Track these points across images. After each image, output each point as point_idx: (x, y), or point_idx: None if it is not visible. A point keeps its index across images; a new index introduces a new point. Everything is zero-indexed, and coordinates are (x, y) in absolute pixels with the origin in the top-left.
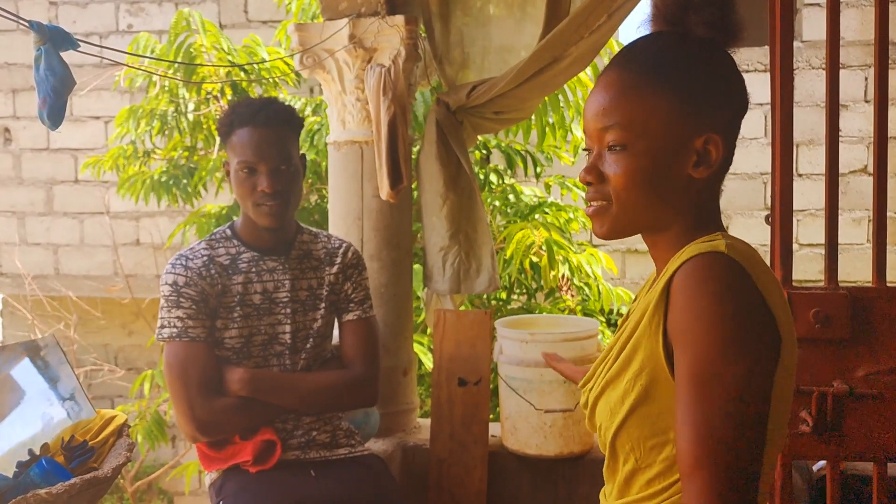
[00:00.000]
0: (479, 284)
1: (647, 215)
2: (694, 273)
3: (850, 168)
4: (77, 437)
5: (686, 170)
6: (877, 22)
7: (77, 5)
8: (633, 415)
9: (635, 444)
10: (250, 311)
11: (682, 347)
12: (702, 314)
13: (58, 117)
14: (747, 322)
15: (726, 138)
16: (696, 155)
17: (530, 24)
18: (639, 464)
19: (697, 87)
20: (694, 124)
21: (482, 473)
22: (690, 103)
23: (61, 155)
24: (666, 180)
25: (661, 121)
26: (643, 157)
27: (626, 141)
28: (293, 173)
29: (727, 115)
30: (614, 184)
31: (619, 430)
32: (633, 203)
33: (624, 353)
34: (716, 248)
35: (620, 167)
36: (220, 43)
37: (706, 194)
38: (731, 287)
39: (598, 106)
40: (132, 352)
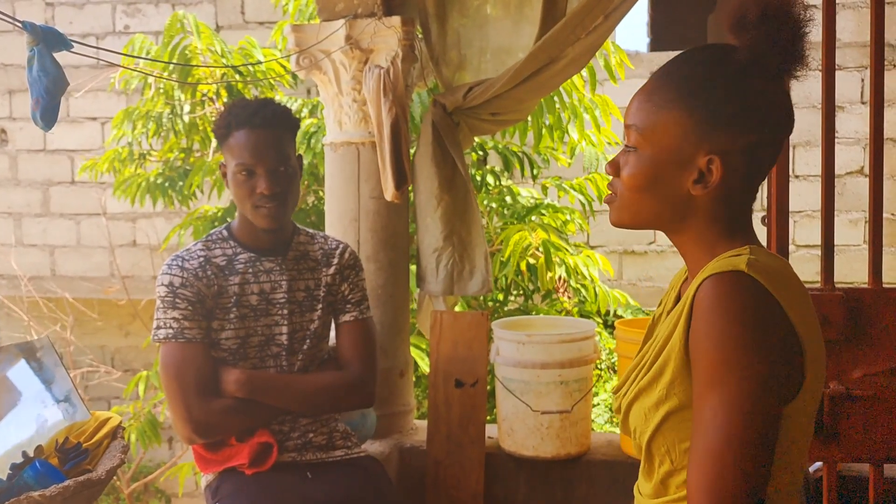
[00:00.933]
0: (472, 286)
1: (647, 216)
2: (710, 293)
3: (847, 169)
4: (71, 439)
5: (686, 185)
6: (873, 24)
7: (74, 6)
8: (668, 420)
9: (670, 447)
10: (247, 312)
11: (697, 363)
12: (712, 334)
13: (51, 118)
14: (759, 344)
15: (736, 163)
16: (696, 173)
17: (527, 25)
18: (674, 465)
19: (715, 109)
20: (701, 143)
21: (479, 475)
22: (704, 122)
23: (58, 156)
24: (664, 190)
25: (671, 134)
26: (647, 163)
27: (638, 144)
28: (291, 174)
29: (742, 142)
30: (623, 181)
31: (655, 433)
32: (632, 202)
33: (657, 363)
34: (736, 266)
35: (628, 168)
36: (214, 45)
37: (723, 207)
38: (745, 307)
39: (631, 105)
40: (129, 353)
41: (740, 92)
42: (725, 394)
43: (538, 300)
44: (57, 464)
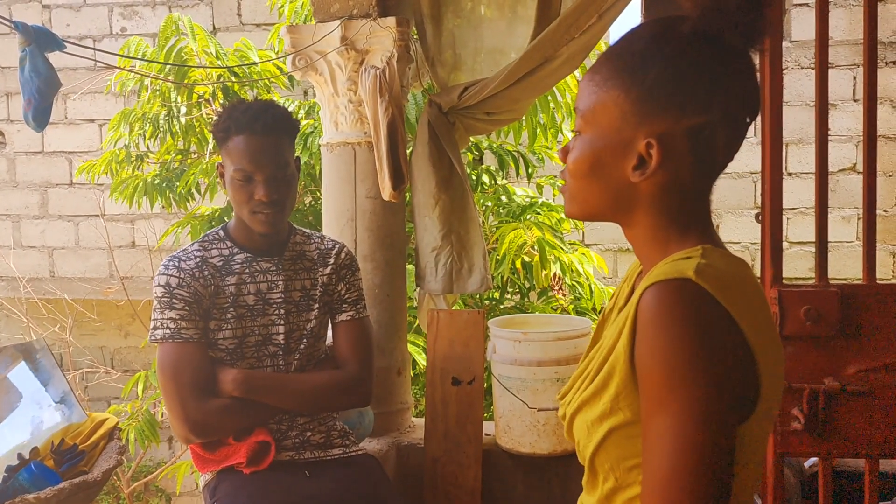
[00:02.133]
0: (471, 284)
1: (593, 205)
2: (653, 303)
3: (840, 166)
4: (67, 441)
5: (625, 170)
6: (866, 21)
7: (70, 9)
8: (612, 435)
9: (615, 464)
10: (244, 312)
11: (643, 380)
12: (656, 351)
13: (43, 119)
14: (707, 360)
15: (679, 146)
16: (636, 158)
17: (521, 25)
18: (619, 483)
19: (654, 87)
20: (640, 126)
21: (476, 472)
22: (641, 102)
23: (56, 158)
24: (605, 176)
25: (610, 115)
26: (587, 148)
27: (581, 128)
28: (289, 180)
29: (684, 124)
30: (568, 169)
31: (598, 449)
32: (577, 190)
33: (601, 373)
34: (682, 272)
35: (573, 153)
36: (210, 47)
37: (670, 197)
38: (690, 321)
39: (579, 87)
40: (128, 354)
41: (681, 68)
42: (672, 417)
43: (534, 298)
44: (53, 466)
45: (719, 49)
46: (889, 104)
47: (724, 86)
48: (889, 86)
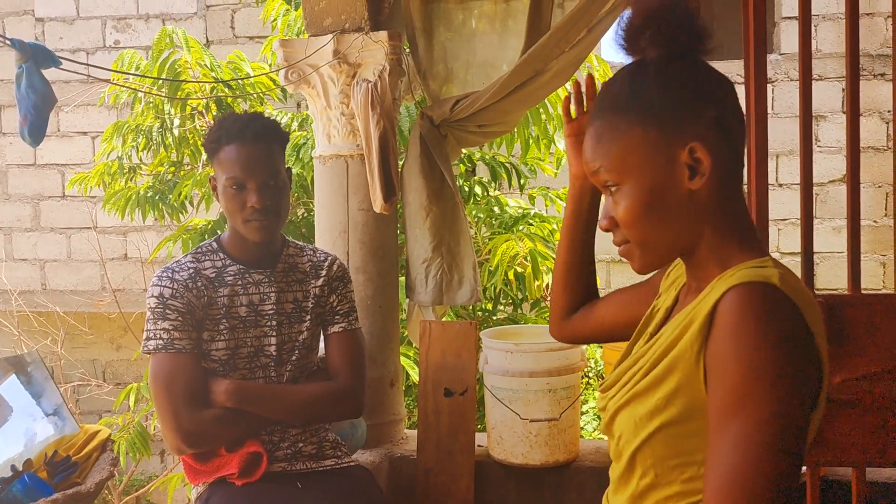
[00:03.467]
0: (461, 296)
1: (668, 241)
2: (742, 302)
3: (829, 178)
4: (60, 453)
5: (684, 186)
6: (847, 33)
7: (64, 22)
8: (661, 433)
9: (658, 461)
10: (236, 324)
11: (719, 380)
12: (742, 354)
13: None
14: (793, 363)
15: (714, 140)
16: (686, 169)
17: (512, 38)
18: (658, 480)
19: (662, 107)
20: (672, 141)
21: (469, 483)
22: (660, 124)
23: (48, 170)
24: (668, 203)
25: (639, 152)
26: (636, 191)
27: (615, 179)
28: (281, 188)
29: (706, 118)
30: (622, 224)
31: (643, 444)
32: (646, 236)
33: (658, 369)
34: (768, 278)
35: (621, 207)
36: (203, 59)
37: (722, 200)
38: (779, 326)
39: (585, 155)
40: (120, 366)
41: (669, 81)
42: (754, 417)
43: (527, 309)
44: (46, 477)
45: (686, 60)
46: (877, 116)
47: (706, 83)
48: (877, 98)
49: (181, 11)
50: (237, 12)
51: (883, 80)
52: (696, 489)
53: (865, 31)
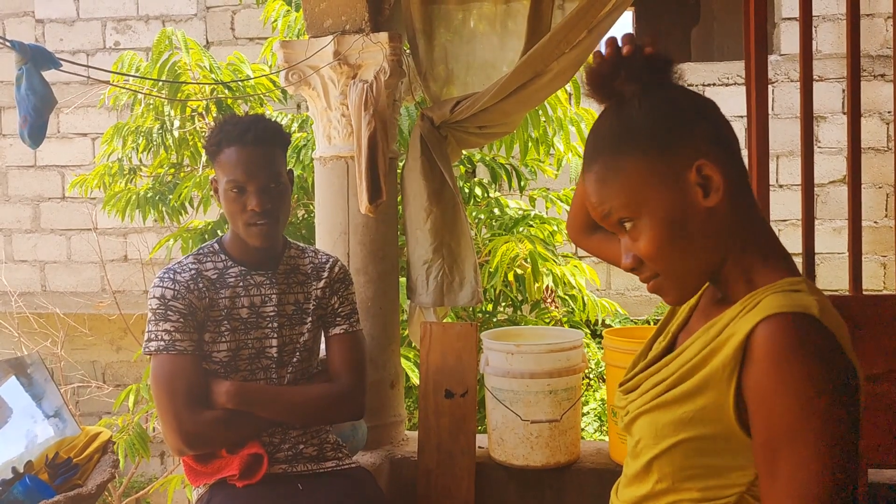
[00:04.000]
0: (461, 297)
1: (698, 265)
2: (784, 336)
3: (830, 178)
4: (61, 455)
5: (700, 205)
6: (848, 34)
7: (64, 23)
8: (683, 445)
9: (676, 470)
10: (238, 325)
11: (765, 413)
12: (791, 387)
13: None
14: (838, 394)
15: (716, 153)
16: (698, 188)
17: (512, 40)
18: (674, 486)
19: (658, 134)
20: (677, 164)
21: (470, 484)
22: (661, 151)
23: (48, 172)
24: (689, 227)
25: (649, 183)
26: (655, 222)
27: (630, 215)
28: (282, 191)
29: (703, 135)
30: (648, 259)
31: (663, 454)
32: (676, 264)
33: (686, 385)
34: (807, 309)
35: (641, 242)
36: (203, 61)
37: (739, 210)
38: (825, 358)
39: (590, 201)
40: (120, 368)
41: (657, 108)
42: (810, 450)
43: (527, 311)
44: (47, 479)
45: (664, 85)
46: (878, 116)
47: (693, 97)
48: (877, 98)
49: (181, 13)
50: (237, 13)
51: (883, 80)
52: (714, 496)
53: (865, 31)
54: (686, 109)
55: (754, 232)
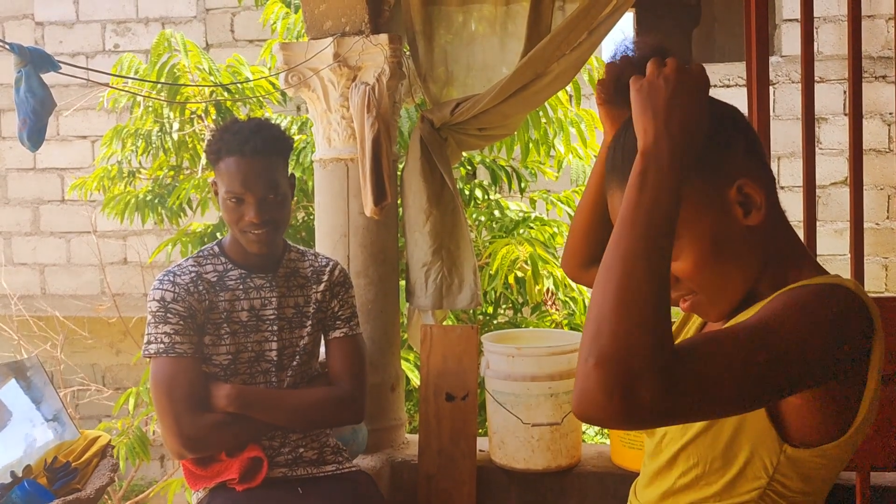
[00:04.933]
0: (460, 300)
1: (738, 283)
2: (804, 287)
3: (832, 180)
4: (60, 459)
5: (740, 224)
6: (850, 36)
7: (63, 26)
8: (710, 431)
9: (701, 460)
10: (237, 329)
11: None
12: (791, 301)
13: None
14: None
15: (755, 168)
16: (739, 207)
17: (512, 41)
18: (699, 480)
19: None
20: (717, 184)
21: (470, 488)
22: (700, 170)
23: (48, 174)
24: (730, 246)
25: (689, 204)
26: (697, 243)
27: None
28: (280, 201)
29: (740, 150)
30: (687, 278)
31: (689, 443)
32: (712, 284)
33: None
34: (841, 282)
35: (681, 262)
36: (202, 63)
37: (775, 225)
38: (840, 303)
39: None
40: (120, 371)
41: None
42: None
43: (527, 313)
44: (46, 483)
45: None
46: (879, 118)
47: (722, 107)
48: (878, 100)
49: (181, 15)
50: (237, 16)
51: (884, 82)
52: (735, 492)
53: (867, 33)
54: (722, 123)
55: (787, 245)
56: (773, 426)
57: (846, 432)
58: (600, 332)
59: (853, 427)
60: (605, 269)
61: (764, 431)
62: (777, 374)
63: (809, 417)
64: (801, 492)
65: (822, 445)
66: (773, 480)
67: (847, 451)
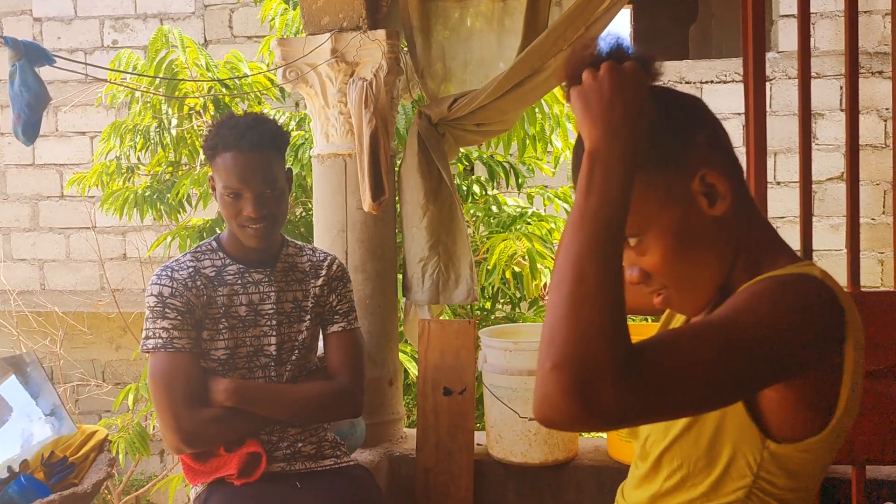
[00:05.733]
0: (457, 295)
1: (709, 275)
2: (770, 278)
3: (828, 175)
4: (57, 453)
5: (706, 215)
6: (846, 31)
7: (62, 21)
8: (692, 430)
9: (685, 461)
10: (236, 323)
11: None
12: (757, 290)
13: (32, 133)
14: (808, 322)
15: (717, 159)
16: (704, 198)
17: (510, 37)
18: (685, 482)
19: (658, 148)
20: (680, 176)
21: (468, 482)
22: (662, 163)
23: (46, 170)
24: (698, 238)
25: (652, 198)
26: (663, 237)
27: (636, 232)
28: (278, 196)
29: (702, 141)
30: (657, 272)
31: (672, 444)
32: (684, 277)
33: None
34: (807, 271)
35: (650, 257)
36: (200, 59)
37: (744, 214)
38: (807, 293)
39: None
40: (119, 366)
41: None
42: (731, 323)
43: (525, 308)
44: (43, 478)
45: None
46: (875, 114)
47: (684, 98)
48: (875, 95)
49: (179, 11)
50: (235, 12)
51: (881, 77)
52: (721, 492)
53: (863, 28)
54: (682, 115)
55: (760, 234)
56: (755, 422)
57: (828, 425)
58: (554, 336)
59: (834, 419)
60: (557, 272)
61: (745, 428)
62: (745, 369)
63: (789, 411)
64: (789, 488)
65: (805, 440)
66: (759, 478)
67: (831, 444)
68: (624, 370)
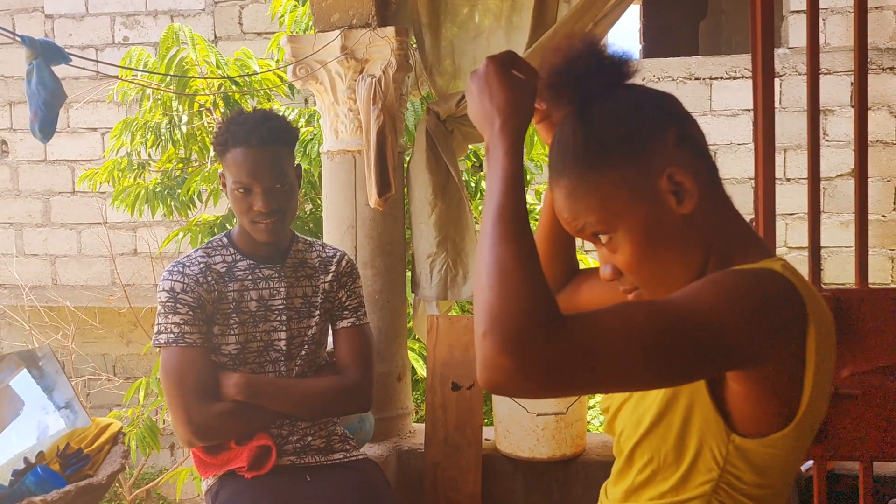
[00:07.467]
0: (465, 291)
1: (680, 273)
2: (732, 271)
3: (838, 172)
4: (72, 445)
5: (675, 214)
6: (856, 27)
7: (73, 18)
8: (661, 424)
9: (655, 454)
10: (246, 318)
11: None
12: (716, 283)
13: (49, 130)
14: (765, 314)
15: (686, 156)
16: (672, 196)
17: (518, 34)
18: (655, 476)
19: (624, 143)
20: (648, 174)
21: (476, 477)
22: (630, 161)
23: (58, 166)
24: (667, 236)
25: (620, 196)
26: (632, 235)
27: (605, 229)
28: (288, 191)
29: (671, 138)
30: (628, 271)
31: (643, 438)
32: (654, 275)
33: None
34: (769, 265)
35: (619, 255)
36: (210, 56)
37: (715, 211)
38: (766, 286)
39: (563, 216)
40: (130, 361)
41: (619, 115)
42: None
43: None
44: (58, 469)
45: (626, 87)
46: (886, 110)
47: (655, 95)
48: (886, 91)
49: (189, 8)
50: (245, 8)
51: (891, 73)
52: (689, 485)
53: (874, 24)
54: (652, 113)
55: (732, 231)
56: (720, 415)
57: (792, 421)
58: (480, 308)
59: (798, 415)
60: (477, 257)
61: (711, 422)
62: (688, 352)
63: (752, 404)
64: (757, 485)
65: (769, 436)
66: (725, 472)
67: (798, 441)
68: (552, 327)
